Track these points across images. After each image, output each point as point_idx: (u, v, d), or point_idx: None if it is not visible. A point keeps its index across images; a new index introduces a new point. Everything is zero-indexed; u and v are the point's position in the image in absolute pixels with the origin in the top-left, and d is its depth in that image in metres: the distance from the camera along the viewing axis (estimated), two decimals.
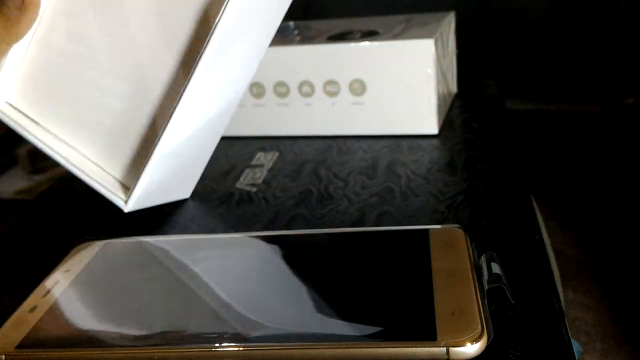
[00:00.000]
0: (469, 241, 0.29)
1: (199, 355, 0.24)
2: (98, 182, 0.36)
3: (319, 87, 0.47)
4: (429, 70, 0.45)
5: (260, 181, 0.42)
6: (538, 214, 0.43)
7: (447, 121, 0.49)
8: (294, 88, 0.48)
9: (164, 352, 0.25)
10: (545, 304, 0.26)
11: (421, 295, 0.26)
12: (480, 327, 0.23)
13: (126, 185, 0.36)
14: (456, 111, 0.51)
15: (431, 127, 0.46)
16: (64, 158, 0.36)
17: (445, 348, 0.23)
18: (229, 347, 0.24)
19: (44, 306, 0.28)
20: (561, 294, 0.43)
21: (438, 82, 0.46)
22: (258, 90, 0.49)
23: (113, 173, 0.36)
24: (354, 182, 0.40)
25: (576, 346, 0.37)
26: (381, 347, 0.23)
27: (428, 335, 0.23)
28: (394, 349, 0.23)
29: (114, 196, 0.35)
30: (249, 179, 0.43)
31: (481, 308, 0.24)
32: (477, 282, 0.26)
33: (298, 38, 0.50)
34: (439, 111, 0.47)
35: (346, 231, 0.32)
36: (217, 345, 0.24)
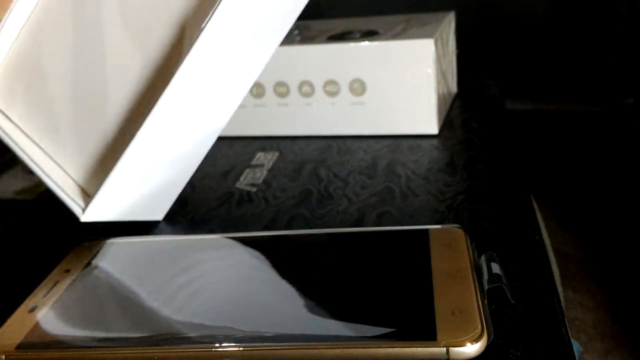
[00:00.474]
0: (469, 241, 0.29)
1: (199, 355, 0.24)
2: (55, 183, 0.34)
3: (319, 87, 0.47)
4: (429, 70, 0.45)
5: (260, 181, 0.42)
6: (538, 214, 0.43)
7: (447, 121, 0.49)
8: (294, 88, 0.48)
9: (164, 352, 0.25)
10: (545, 304, 0.26)
11: (421, 295, 0.26)
12: (480, 327, 0.23)
13: (87, 191, 0.34)
14: (456, 111, 0.51)
15: (431, 127, 0.46)
16: (25, 152, 0.35)
17: (445, 348, 0.23)
18: (229, 347, 0.24)
19: (44, 306, 0.28)
20: (561, 294, 0.43)
21: (438, 82, 0.46)
22: (258, 90, 0.49)
23: (74, 176, 0.35)
24: (354, 182, 0.40)
25: (576, 346, 0.37)
26: (381, 347, 0.23)
27: (428, 335, 0.23)
28: (394, 349, 0.23)
29: (71, 201, 0.34)
30: (249, 179, 0.43)
31: (481, 308, 0.24)
32: (477, 282, 0.26)
33: (298, 38, 0.50)
34: (439, 111, 0.47)
35: (346, 231, 0.32)
36: (217, 345, 0.24)
